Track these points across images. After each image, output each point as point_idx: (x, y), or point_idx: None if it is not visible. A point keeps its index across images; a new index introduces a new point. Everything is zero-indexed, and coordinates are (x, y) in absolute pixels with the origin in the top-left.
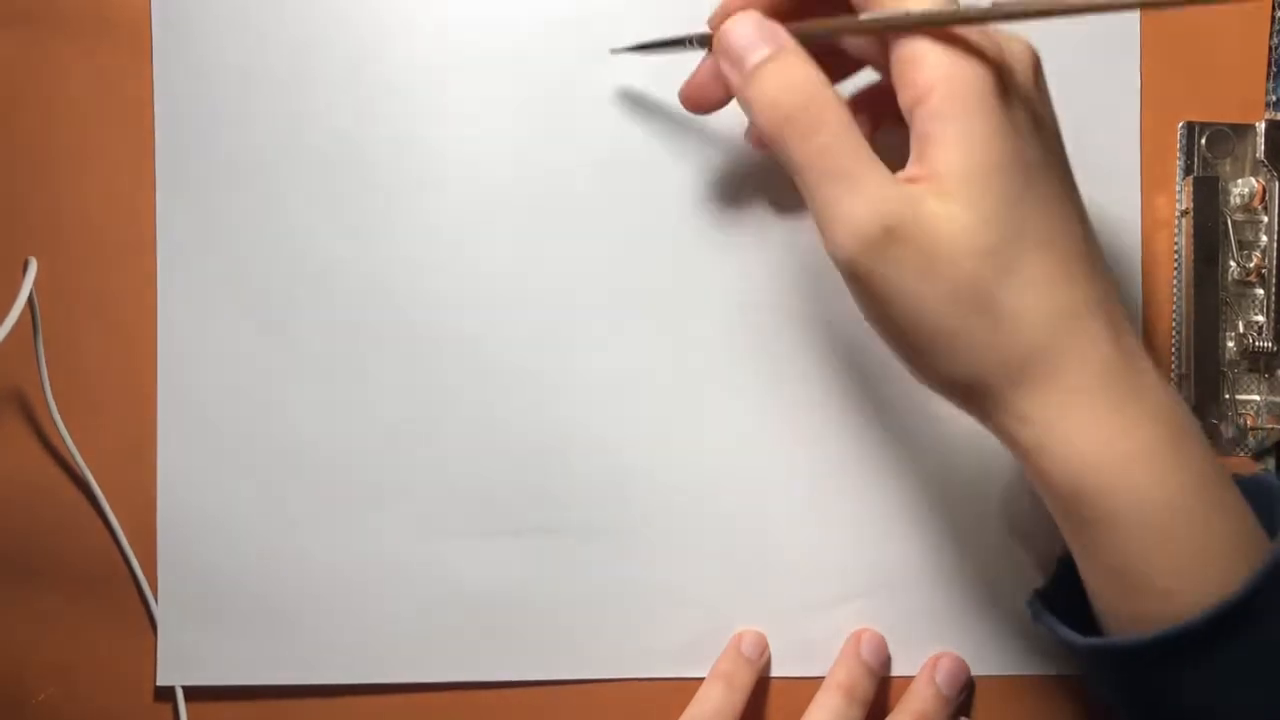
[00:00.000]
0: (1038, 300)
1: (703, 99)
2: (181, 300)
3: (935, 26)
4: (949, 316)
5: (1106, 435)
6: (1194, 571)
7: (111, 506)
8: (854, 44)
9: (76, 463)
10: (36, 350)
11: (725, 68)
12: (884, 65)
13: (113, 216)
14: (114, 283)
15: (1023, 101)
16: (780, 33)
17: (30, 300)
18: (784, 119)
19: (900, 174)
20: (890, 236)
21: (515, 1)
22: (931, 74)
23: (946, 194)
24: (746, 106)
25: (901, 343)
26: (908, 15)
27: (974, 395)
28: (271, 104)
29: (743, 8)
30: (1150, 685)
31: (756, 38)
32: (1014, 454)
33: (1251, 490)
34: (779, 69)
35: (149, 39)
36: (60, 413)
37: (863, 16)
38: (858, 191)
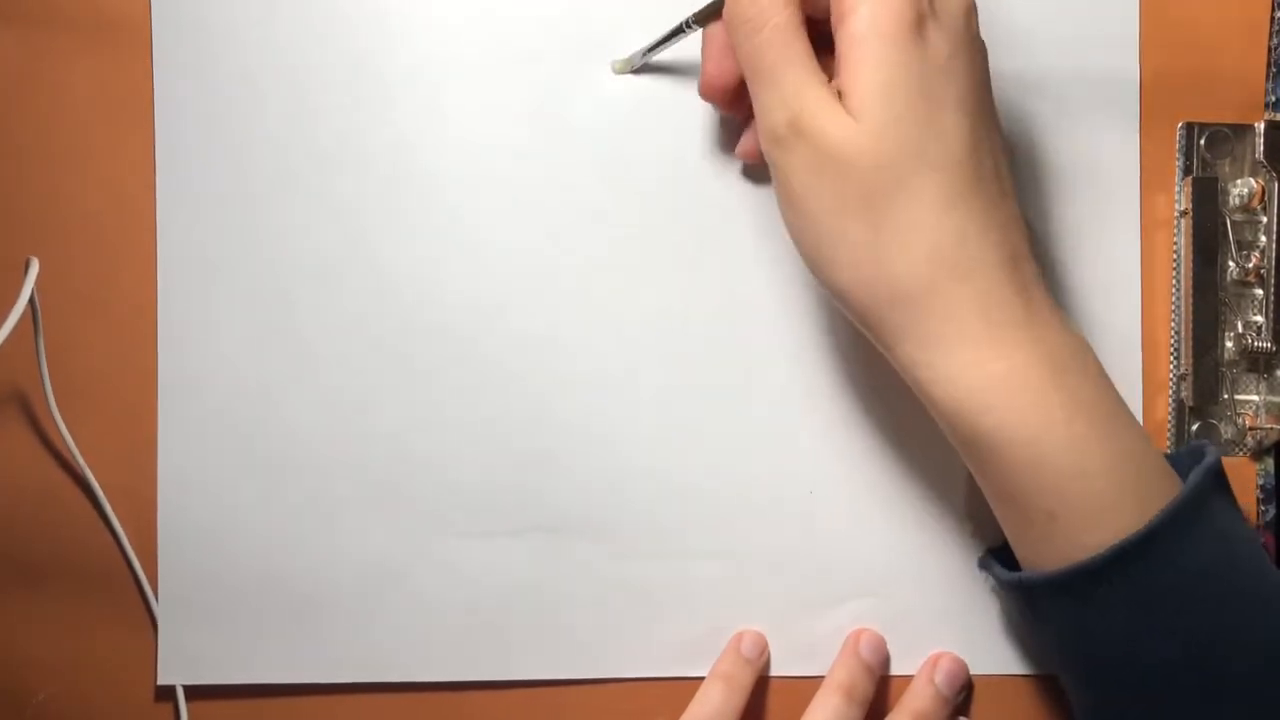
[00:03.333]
0: (924, 219)
1: (719, 79)
2: (181, 300)
3: None
4: (835, 215)
5: (981, 358)
6: (1072, 495)
7: (112, 506)
8: None
9: (77, 462)
10: (38, 350)
11: None
12: None
13: (113, 216)
14: (114, 282)
15: (943, 37)
16: None
17: (31, 300)
18: (735, 17)
19: (834, 81)
20: (795, 132)
21: (515, 1)
22: None
23: (850, 107)
24: (724, 12)
25: (803, 239)
26: None
27: (858, 309)
28: (271, 104)
29: None
30: (1054, 622)
31: None
32: (905, 379)
33: (1186, 453)
34: None
35: (149, 39)
36: (61, 412)
37: None
38: (777, 88)
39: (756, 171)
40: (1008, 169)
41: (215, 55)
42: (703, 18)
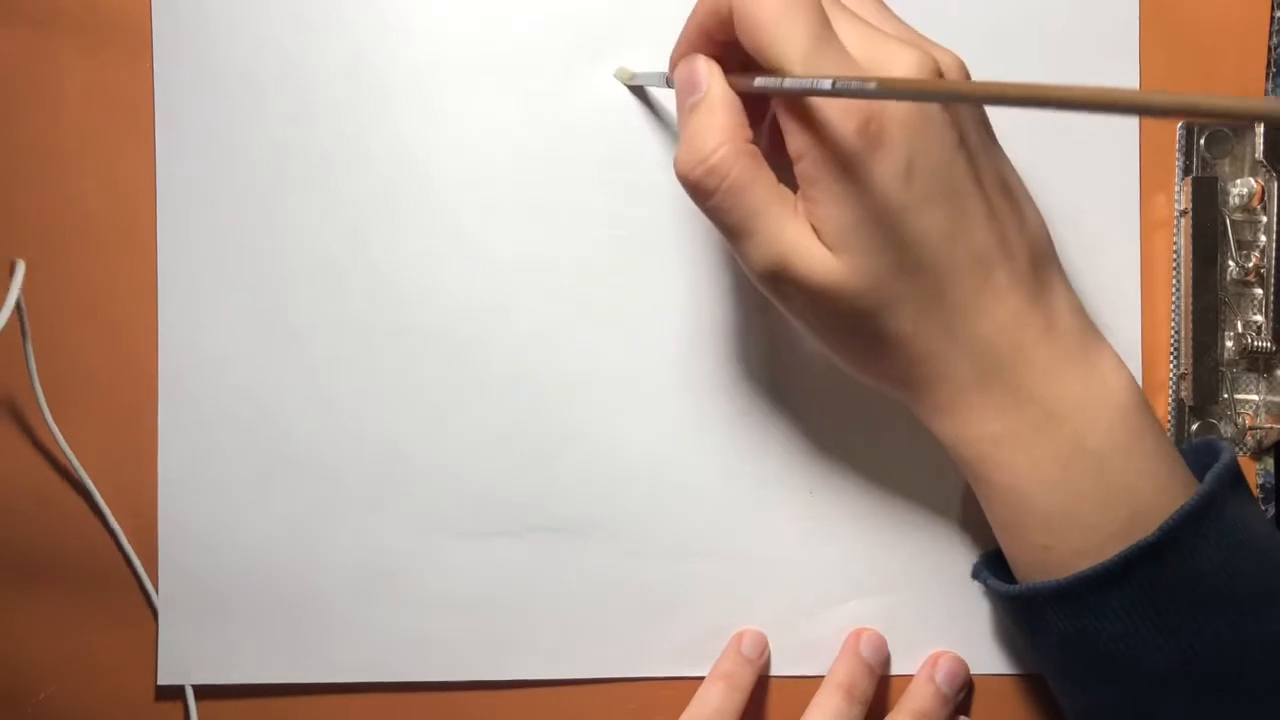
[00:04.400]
0: (913, 324)
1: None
2: (181, 300)
3: (796, 97)
4: (835, 334)
5: (972, 424)
6: (1060, 532)
7: (112, 507)
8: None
9: (75, 464)
10: (26, 353)
11: (677, 108)
12: None
13: (112, 217)
14: (114, 283)
15: (897, 145)
16: (714, 77)
17: (18, 304)
18: (686, 180)
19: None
20: (780, 277)
21: (515, 2)
22: (796, 141)
23: (824, 242)
24: None
25: (813, 342)
26: (780, 86)
27: (876, 388)
28: (271, 104)
29: (691, 51)
30: (1056, 630)
31: (690, 80)
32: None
33: (1201, 449)
34: (687, 127)
35: (149, 39)
36: (58, 413)
37: (755, 81)
38: (750, 240)
39: None
40: (1010, 231)
41: (216, 56)
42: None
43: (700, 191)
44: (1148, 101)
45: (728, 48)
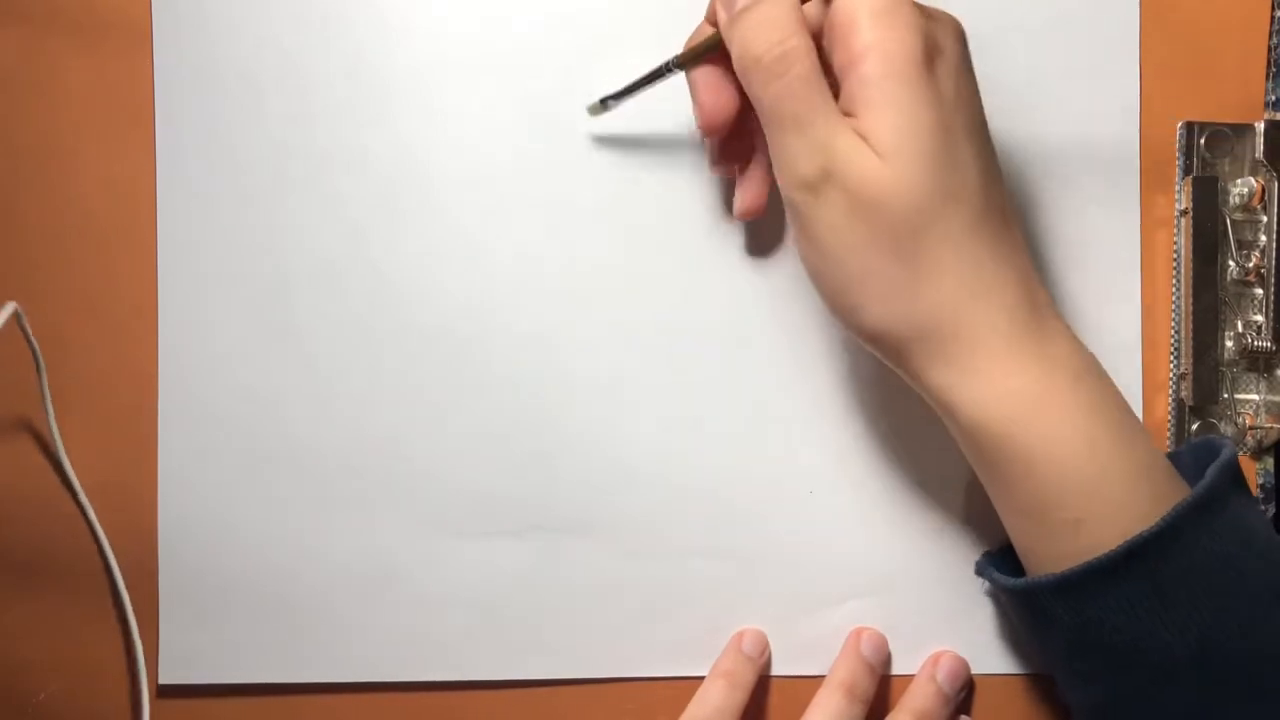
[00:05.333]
0: (950, 251)
1: (718, 113)
2: (181, 300)
3: None
4: (871, 257)
5: (1005, 378)
6: (1097, 500)
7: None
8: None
9: (72, 463)
10: (34, 354)
11: (720, 13)
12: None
13: (112, 216)
14: (114, 283)
15: (948, 71)
16: None
17: (28, 338)
18: (753, 61)
19: (850, 121)
20: (827, 179)
21: (515, 2)
22: (864, 39)
23: (876, 149)
24: (730, 49)
25: (829, 282)
26: None
27: (888, 344)
28: (272, 104)
29: None
30: (1062, 622)
31: None
32: (926, 398)
33: (1200, 447)
34: (758, 11)
35: (149, 39)
36: (61, 414)
37: None
38: (805, 135)
39: None
40: (1006, 193)
41: (216, 55)
42: (689, 60)
43: (769, 74)
44: None
45: None
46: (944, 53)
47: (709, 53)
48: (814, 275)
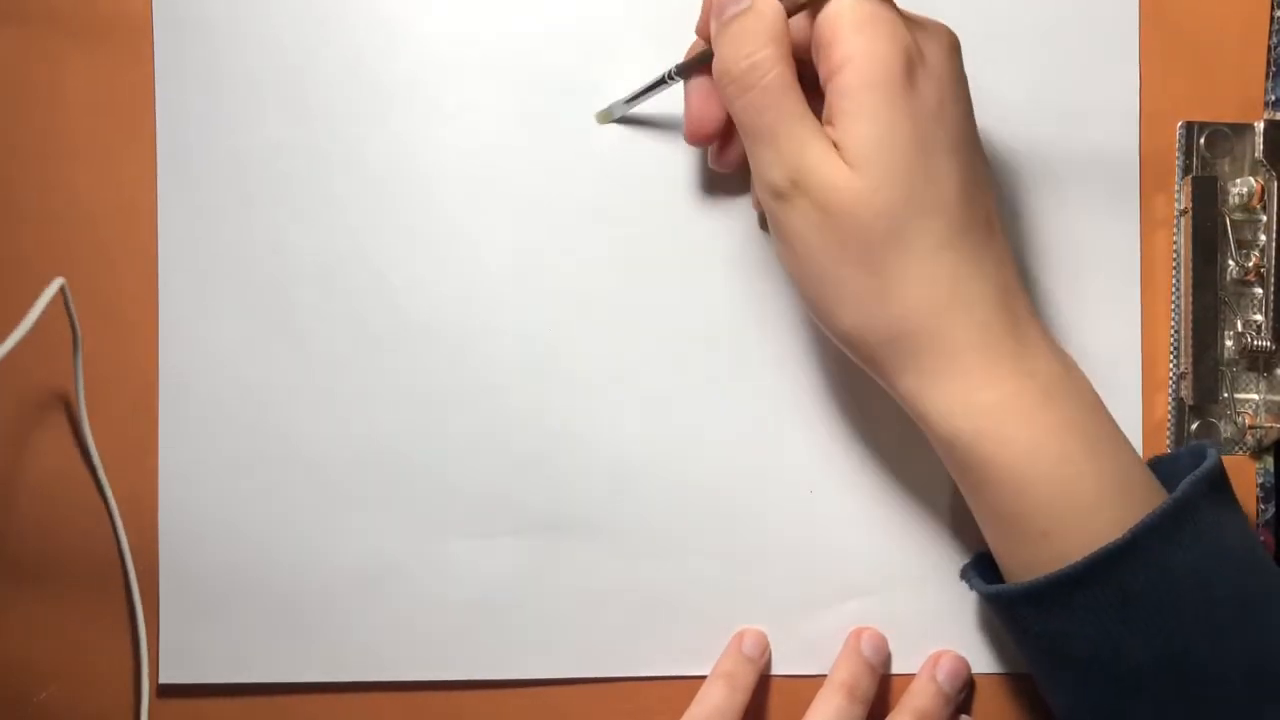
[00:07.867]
0: (921, 263)
1: (703, 124)
2: (182, 300)
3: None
4: (841, 265)
5: (975, 391)
6: (1067, 513)
7: (113, 506)
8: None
9: (91, 462)
10: (76, 362)
11: (712, 26)
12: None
13: (113, 217)
14: (114, 283)
15: (931, 83)
16: None
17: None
18: (724, 73)
19: (828, 131)
20: (796, 188)
21: (516, 3)
22: (844, 50)
23: (847, 158)
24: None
25: (804, 287)
26: None
27: (862, 349)
28: (272, 104)
29: None
30: (1035, 630)
31: None
32: (907, 411)
33: (1194, 452)
34: (735, 24)
35: (149, 39)
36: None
37: None
38: (773, 146)
39: None
40: (995, 206)
41: (217, 56)
42: (685, 70)
43: (739, 86)
44: None
45: None
46: (928, 64)
47: (703, 63)
48: (792, 279)
